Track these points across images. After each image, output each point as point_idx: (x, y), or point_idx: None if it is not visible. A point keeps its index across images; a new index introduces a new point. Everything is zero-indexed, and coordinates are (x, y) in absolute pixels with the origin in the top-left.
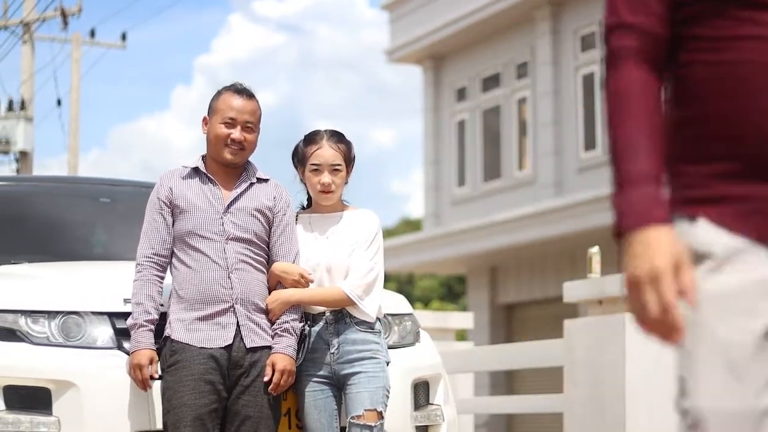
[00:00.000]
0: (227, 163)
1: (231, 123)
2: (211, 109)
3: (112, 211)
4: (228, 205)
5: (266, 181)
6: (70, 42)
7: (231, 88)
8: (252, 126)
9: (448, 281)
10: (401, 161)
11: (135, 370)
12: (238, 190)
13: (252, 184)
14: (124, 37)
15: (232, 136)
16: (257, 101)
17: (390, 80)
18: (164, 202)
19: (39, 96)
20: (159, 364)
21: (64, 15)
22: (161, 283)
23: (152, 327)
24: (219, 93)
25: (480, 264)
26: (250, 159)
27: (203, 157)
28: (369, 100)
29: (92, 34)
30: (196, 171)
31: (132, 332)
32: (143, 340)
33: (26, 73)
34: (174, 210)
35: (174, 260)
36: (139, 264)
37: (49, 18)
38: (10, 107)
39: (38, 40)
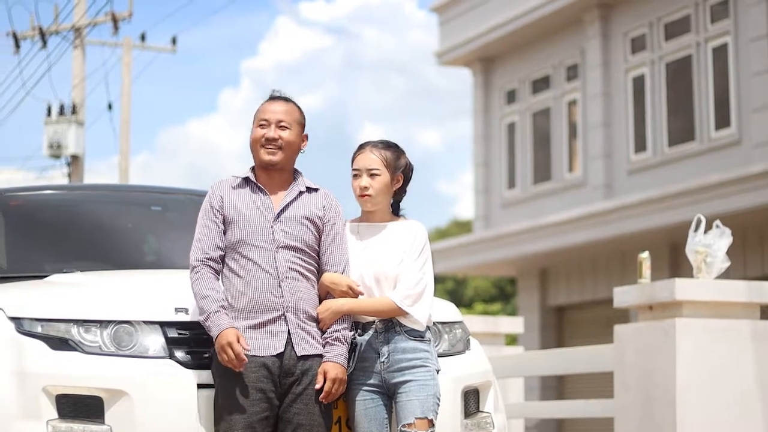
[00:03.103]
0: (267, 164)
1: (265, 123)
2: (252, 120)
3: (163, 220)
4: (278, 213)
5: (316, 190)
6: (120, 46)
7: (268, 98)
8: (286, 125)
9: (500, 281)
10: (449, 163)
11: (225, 349)
12: (288, 199)
13: (301, 192)
14: (174, 41)
15: (266, 135)
16: (294, 104)
17: (437, 83)
18: (217, 210)
19: (90, 100)
20: (211, 372)
21: (114, 20)
22: (219, 280)
23: (226, 311)
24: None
25: (530, 266)
26: (298, 167)
27: (253, 168)
28: (416, 102)
29: (143, 38)
30: (246, 181)
31: (207, 323)
32: (222, 323)
33: (77, 78)
34: (225, 219)
35: (225, 269)
36: (194, 267)
37: (100, 23)
38: (61, 111)
39: (89, 44)
